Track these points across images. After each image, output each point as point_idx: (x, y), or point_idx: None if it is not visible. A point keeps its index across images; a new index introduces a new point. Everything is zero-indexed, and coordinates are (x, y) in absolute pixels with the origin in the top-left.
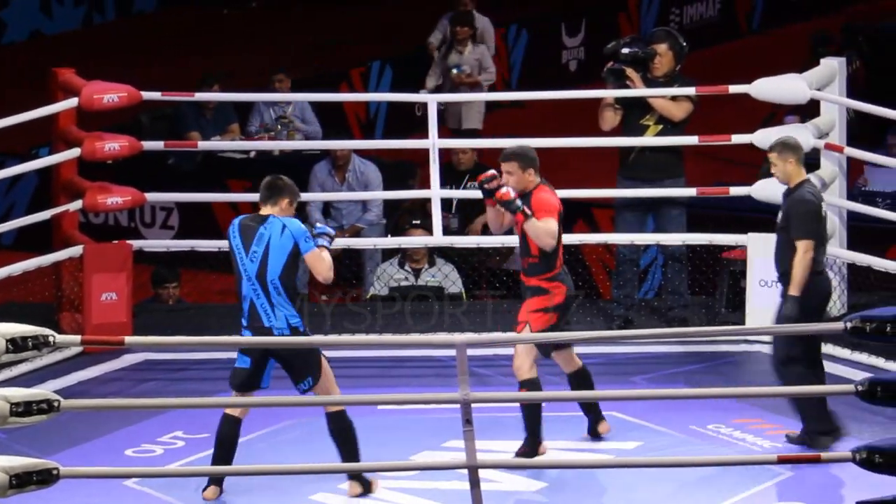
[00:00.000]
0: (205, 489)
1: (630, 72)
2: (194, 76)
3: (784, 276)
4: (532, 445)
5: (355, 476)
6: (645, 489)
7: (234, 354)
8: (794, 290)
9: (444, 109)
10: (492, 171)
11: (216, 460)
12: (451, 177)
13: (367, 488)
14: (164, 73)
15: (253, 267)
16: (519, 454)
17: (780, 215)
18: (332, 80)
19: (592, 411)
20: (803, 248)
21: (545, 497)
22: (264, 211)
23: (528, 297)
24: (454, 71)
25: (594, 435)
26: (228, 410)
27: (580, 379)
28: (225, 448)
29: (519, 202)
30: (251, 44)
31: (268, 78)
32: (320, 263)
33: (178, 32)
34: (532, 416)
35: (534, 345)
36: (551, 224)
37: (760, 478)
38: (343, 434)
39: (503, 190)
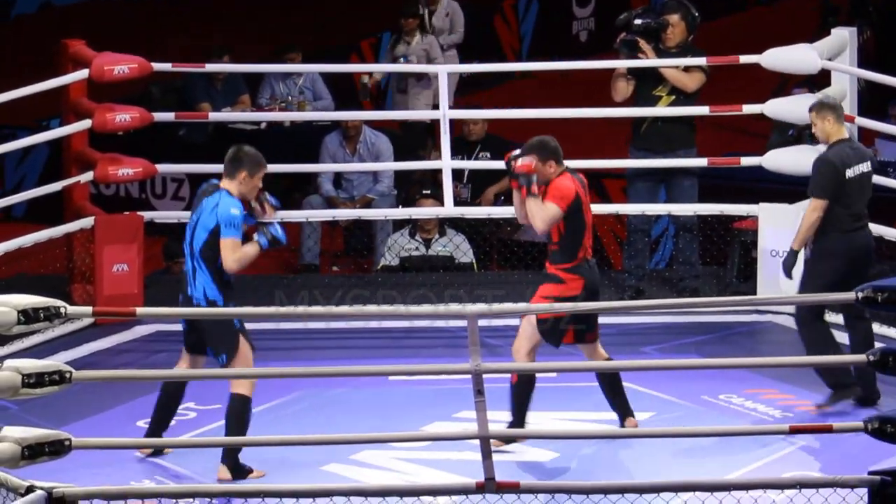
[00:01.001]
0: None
1: (643, 43)
2: (204, 48)
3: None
4: (518, 427)
5: (230, 460)
6: (656, 459)
7: (247, 325)
8: (795, 244)
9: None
10: (515, 152)
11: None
12: (461, 147)
13: (239, 474)
14: (174, 44)
15: (187, 235)
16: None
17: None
18: (343, 51)
19: (621, 408)
20: (812, 206)
21: (557, 467)
22: (222, 183)
23: (544, 282)
24: (401, 60)
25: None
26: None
27: (609, 377)
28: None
29: (525, 180)
30: (261, 15)
31: (277, 50)
32: (228, 252)
33: (187, 4)
34: (520, 398)
35: (538, 332)
36: (550, 208)
37: (772, 448)
38: (237, 418)
39: (524, 160)
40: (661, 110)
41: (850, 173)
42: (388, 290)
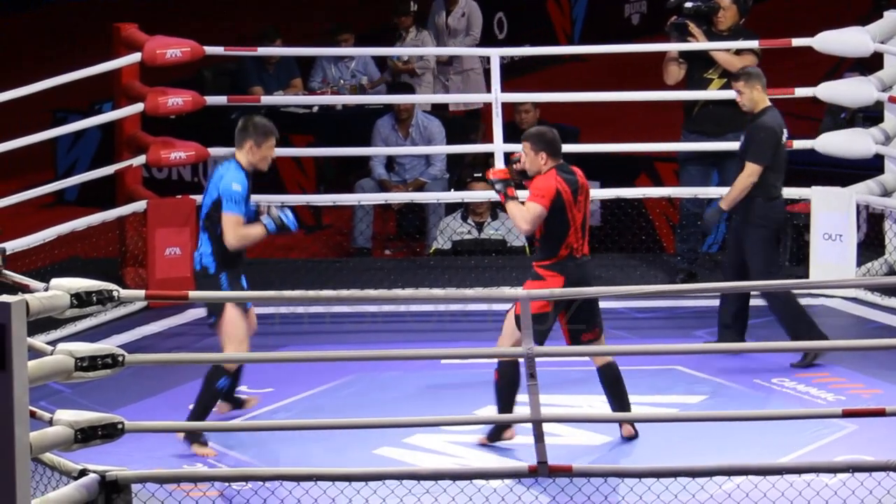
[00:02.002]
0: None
1: (692, 26)
2: (257, 30)
3: (742, 201)
4: (498, 427)
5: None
6: (709, 443)
7: (300, 308)
8: (724, 203)
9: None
10: (518, 153)
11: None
12: (514, 136)
13: (194, 439)
14: (226, 27)
15: (202, 199)
16: (489, 436)
17: (741, 139)
18: (396, 33)
19: (621, 410)
20: (749, 170)
21: (609, 451)
22: (235, 154)
23: (528, 279)
24: (392, 58)
25: (624, 435)
26: None
27: (610, 377)
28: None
29: (501, 185)
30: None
31: (330, 31)
32: (229, 228)
33: None
34: (504, 395)
35: (516, 329)
36: (531, 208)
37: (825, 431)
38: (208, 390)
39: (497, 167)
40: (713, 93)
41: (783, 139)
42: (441, 274)
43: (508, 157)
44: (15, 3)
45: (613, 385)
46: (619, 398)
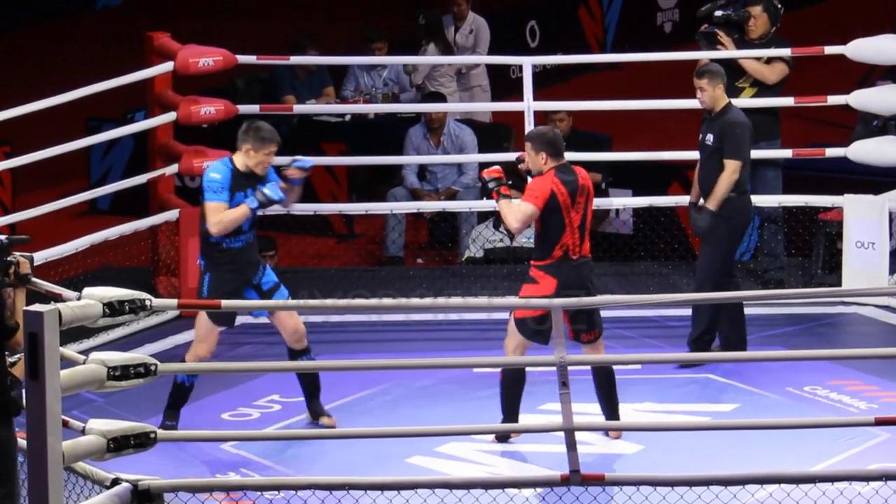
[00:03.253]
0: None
1: (722, 35)
2: (288, 38)
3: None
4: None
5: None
6: (742, 451)
7: (331, 317)
8: (712, 205)
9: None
10: (522, 153)
11: None
12: None
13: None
14: (259, 35)
15: None
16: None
17: (709, 137)
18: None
19: (613, 414)
20: (732, 168)
21: (642, 459)
22: (234, 155)
23: (525, 281)
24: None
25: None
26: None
27: (604, 378)
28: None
29: (493, 184)
30: (345, 4)
31: (362, 40)
32: (210, 215)
33: None
34: (509, 396)
35: (517, 331)
36: (523, 207)
37: (857, 439)
38: (175, 391)
39: (492, 167)
40: (743, 102)
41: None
42: (473, 282)
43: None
44: (48, 12)
45: (606, 385)
46: (609, 403)
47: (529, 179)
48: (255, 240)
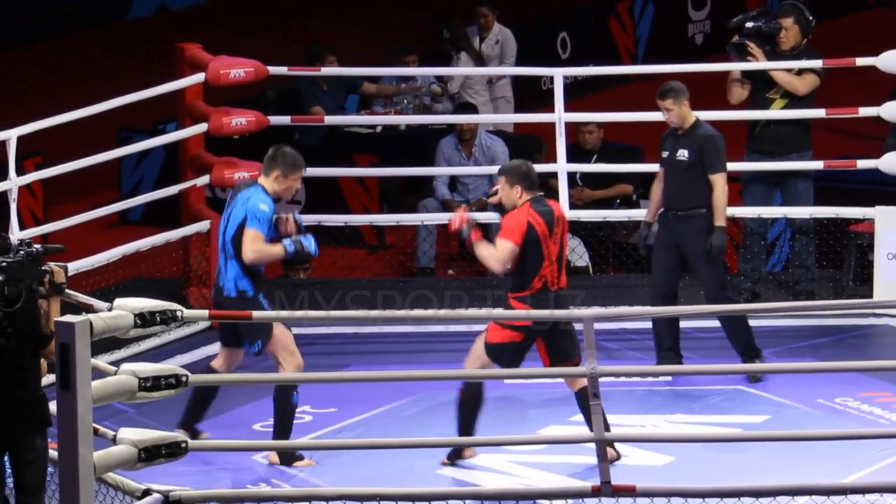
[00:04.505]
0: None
1: (752, 46)
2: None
3: (690, 212)
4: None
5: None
6: (772, 462)
7: (362, 329)
8: (720, 221)
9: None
10: (495, 187)
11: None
12: (577, 156)
13: (288, 460)
14: (290, 46)
15: (221, 226)
16: (449, 456)
17: (683, 153)
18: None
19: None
20: (723, 180)
21: (673, 471)
22: (259, 179)
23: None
24: (432, 86)
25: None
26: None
27: (585, 402)
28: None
29: (466, 232)
30: (376, 15)
31: (394, 53)
32: (248, 241)
33: (304, 4)
34: (468, 415)
35: (486, 354)
36: (502, 246)
37: (888, 451)
38: (282, 409)
39: (460, 215)
40: (774, 113)
41: None
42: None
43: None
44: (79, 23)
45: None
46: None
47: (499, 215)
48: None
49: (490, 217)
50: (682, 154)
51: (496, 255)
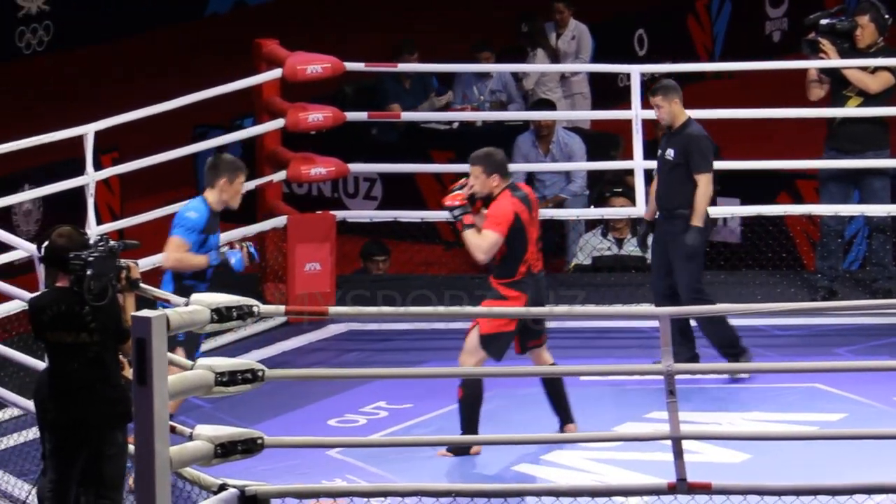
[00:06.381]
0: None
1: (825, 43)
2: (396, 46)
3: (674, 212)
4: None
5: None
6: (849, 461)
7: (438, 325)
8: (697, 221)
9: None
10: (462, 181)
11: None
12: (654, 152)
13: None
14: (366, 42)
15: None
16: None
17: (669, 152)
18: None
19: (562, 413)
20: (706, 181)
21: (749, 468)
22: (204, 194)
23: (487, 297)
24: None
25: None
26: None
27: (551, 381)
28: None
29: (458, 211)
30: (453, 11)
31: (470, 50)
32: (171, 248)
33: (380, 1)
34: (471, 412)
35: (480, 347)
36: (488, 238)
37: None
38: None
39: (455, 193)
40: (849, 111)
41: None
42: (580, 290)
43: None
44: (156, 20)
45: (554, 388)
46: (557, 398)
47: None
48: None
49: (567, 214)
50: (670, 153)
51: (482, 245)
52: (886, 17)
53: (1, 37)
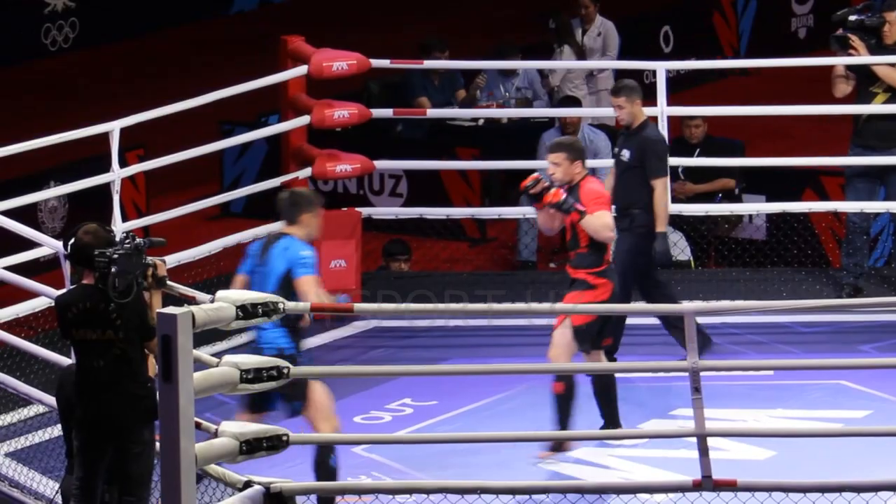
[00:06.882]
0: None
1: (854, 39)
2: (422, 43)
3: (626, 211)
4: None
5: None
6: (874, 458)
7: (465, 321)
8: (661, 227)
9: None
10: (535, 175)
11: None
12: (681, 150)
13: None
14: (392, 39)
15: (256, 283)
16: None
17: (625, 153)
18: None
19: (609, 418)
20: (663, 185)
21: (774, 466)
22: (286, 230)
23: (572, 290)
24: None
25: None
26: None
27: (601, 384)
28: None
29: (571, 200)
30: (479, 9)
31: (496, 52)
32: (309, 289)
33: None
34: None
35: (574, 340)
36: (606, 217)
37: None
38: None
39: (552, 191)
40: (876, 107)
41: None
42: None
43: (521, 184)
44: (182, 16)
45: (605, 396)
46: (607, 403)
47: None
48: None
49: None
50: (625, 154)
51: (607, 222)
52: None
53: (27, 34)
